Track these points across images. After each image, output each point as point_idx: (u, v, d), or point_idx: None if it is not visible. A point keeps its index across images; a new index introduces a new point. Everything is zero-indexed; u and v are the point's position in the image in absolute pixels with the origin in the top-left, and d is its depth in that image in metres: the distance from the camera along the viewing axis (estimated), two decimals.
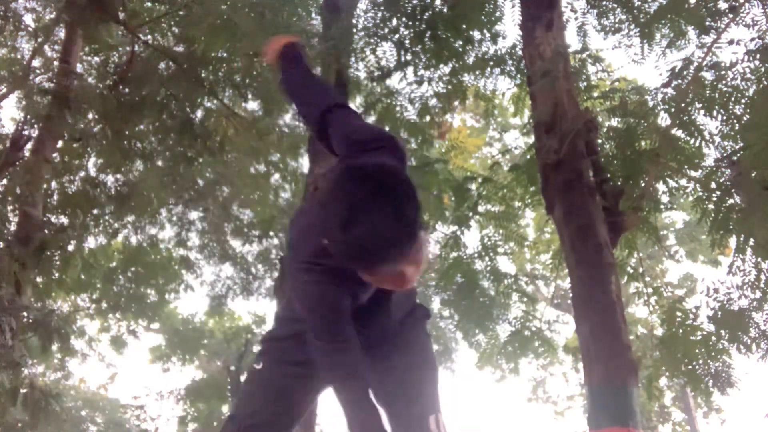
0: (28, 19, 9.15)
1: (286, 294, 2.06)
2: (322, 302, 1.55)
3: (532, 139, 5.64)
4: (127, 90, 7.44)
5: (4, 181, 8.03)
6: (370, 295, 1.65)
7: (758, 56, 4.22)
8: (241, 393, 1.91)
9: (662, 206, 5.46)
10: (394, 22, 6.65)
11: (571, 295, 4.36)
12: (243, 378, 11.44)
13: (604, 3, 5.79)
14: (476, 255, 6.96)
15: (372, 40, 6.83)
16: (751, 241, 4.37)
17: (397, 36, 6.72)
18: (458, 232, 6.78)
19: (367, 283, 1.50)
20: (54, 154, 7.74)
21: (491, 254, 6.97)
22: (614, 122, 5.06)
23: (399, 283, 1.42)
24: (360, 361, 1.58)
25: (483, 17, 6.50)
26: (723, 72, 4.33)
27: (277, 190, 10.27)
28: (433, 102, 7.06)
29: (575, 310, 4.23)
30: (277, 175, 10.07)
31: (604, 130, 5.03)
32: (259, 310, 19.95)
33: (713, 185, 4.52)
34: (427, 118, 7.02)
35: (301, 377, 1.79)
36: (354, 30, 6.67)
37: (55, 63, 8.74)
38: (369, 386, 1.58)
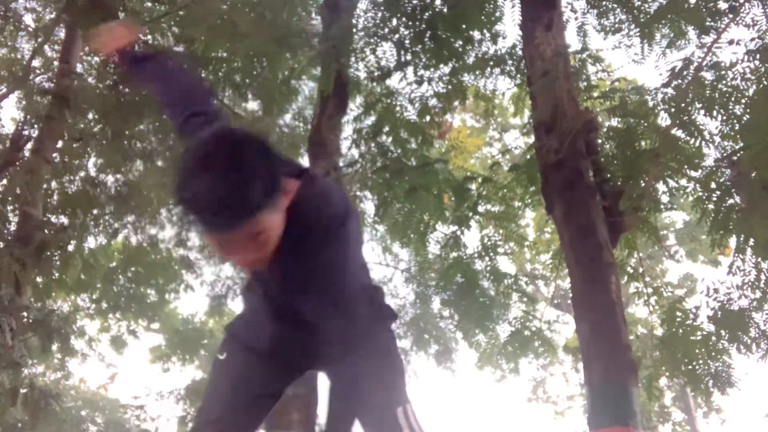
0: (28, 19, 9.16)
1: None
2: None
3: (532, 139, 5.64)
4: (127, 90, 7.43)
5: (4, 181, 8.03)
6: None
7: (758, 56, 4.23)
8: (206, 386, 1.85)
9: (662, 206, 5.47)
10: (394, 22, 6.65)
11: (571, 295, 4.36)
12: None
13: (604, 3, 5.79)
14: (476, 255, 6.96)
15: (372, 40, 6.82)
16: (751, 241, 4.38)
17: (397, 36, 6.71)
18: (458, 232, 6.78)
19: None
20: (54, 154, 7.72)
21: (491, 254, 6.96)
22: (614, 122, 5.07)
23: (221, 255, 1.44)
24: None
25: (483, 17, 6.49)
26: (723, 72, 4.34)
27: None
28: (433, 102, 7.04)
29: (575, 310, 4.23)
30: None
31: (604, 130, 5.03)
32: None
33: (713, 185, 4.53)
34: (427, 118, 7.00)
35: (262, 365, 1.75)
36: (354, 30, 6.66)
37: (55, 63, 8.74)
38: None
